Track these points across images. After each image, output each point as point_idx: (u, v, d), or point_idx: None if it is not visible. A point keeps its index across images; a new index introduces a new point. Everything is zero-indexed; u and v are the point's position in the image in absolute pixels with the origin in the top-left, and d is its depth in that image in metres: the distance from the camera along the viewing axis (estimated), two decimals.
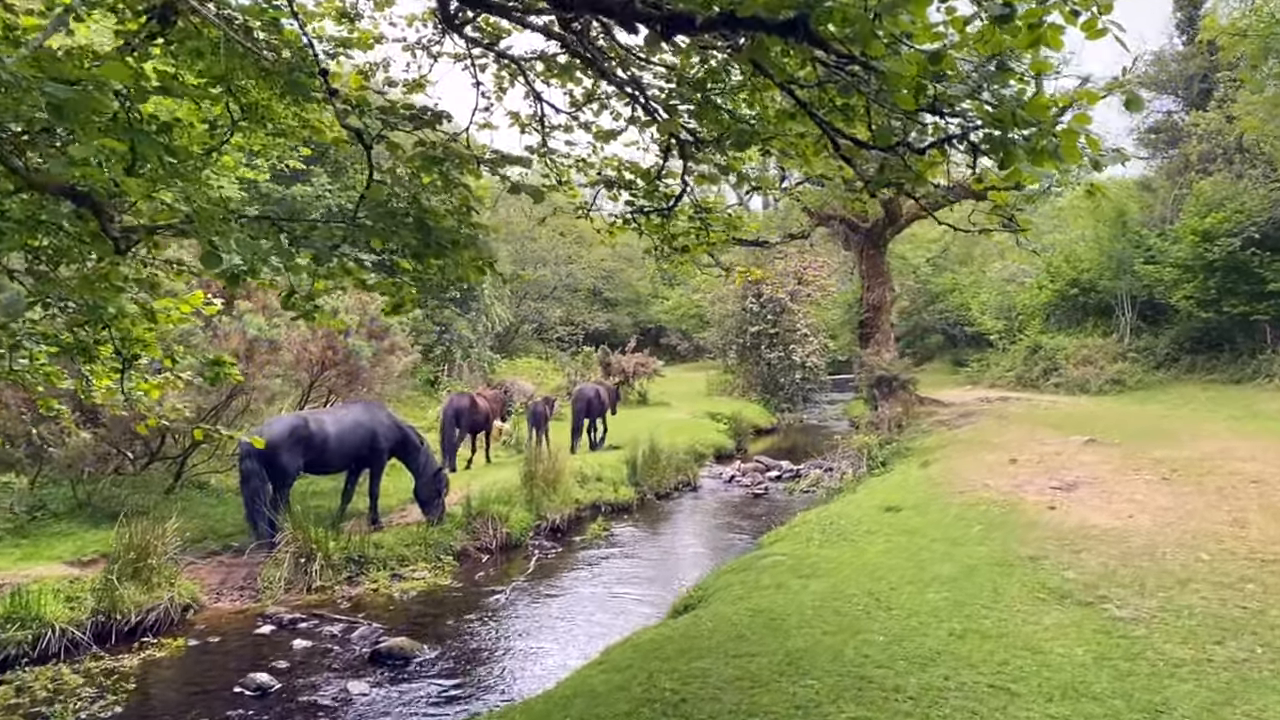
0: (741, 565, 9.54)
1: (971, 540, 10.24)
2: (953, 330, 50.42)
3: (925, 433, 22.40)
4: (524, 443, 22.28)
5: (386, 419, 13.15)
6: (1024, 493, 12.91)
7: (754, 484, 19.61)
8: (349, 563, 11.79)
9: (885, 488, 14.70)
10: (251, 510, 12.06)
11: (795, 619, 7.50)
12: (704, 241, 7.83)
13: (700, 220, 7.63)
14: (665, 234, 7.63)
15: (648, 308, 65.35)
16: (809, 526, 11.51)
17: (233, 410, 13.48)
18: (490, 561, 13.07)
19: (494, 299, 29.33)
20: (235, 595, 11.18)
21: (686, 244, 7.78)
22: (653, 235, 7.65)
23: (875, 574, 8.93)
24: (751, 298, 36.01)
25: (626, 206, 7.34)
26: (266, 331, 12.58)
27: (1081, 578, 8.67)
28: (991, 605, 7.93)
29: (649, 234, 7.65)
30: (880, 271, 25.79)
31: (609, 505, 16.99)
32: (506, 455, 20.91)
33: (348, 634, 9.69)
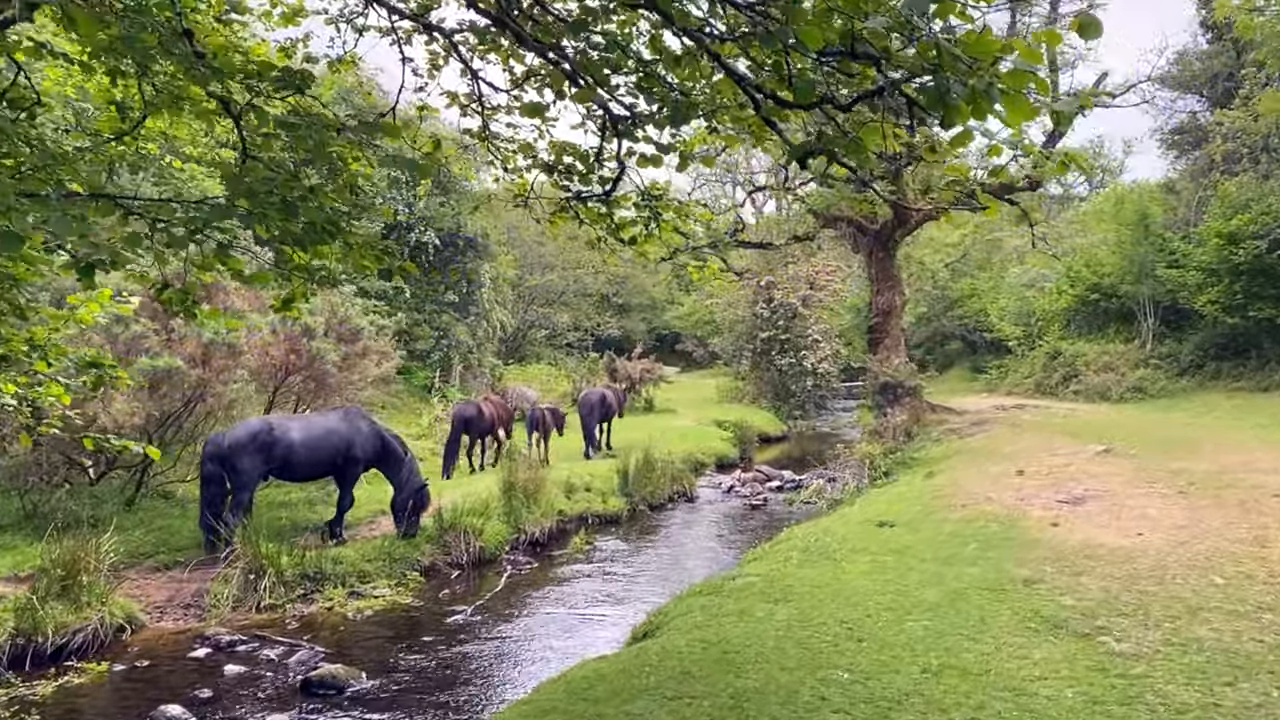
0: (709, 588, 8.77)
1: (964, 560, 9.42)
2: (972, 336, 49.32)
3: (936, 441, 21.52)
4: (520, 452, 21.65)
5: (366, 427, 12.48)
6: (1028, 507, 12.06)
7: (753, 495, 18.81)
8: (303, 579, 11.11)
9: (883, 500, 13.88)
10: (205, 516, 11.47)
11: (752, 652, 6.72)
12: (653, 233, 7.08)
13: (649, 209, 6.89)
14: (609, 224, 6.89)
15: (662, 313, 64.72)
16: (791, 543, 10.72)
17: (196, 416, 12.84)
18: (459, 578, 12.35)
19: (494, 303, 28.70)
20: (179, 614, 10.52)
21: (634, 235, 7.04)
22: (595, 225, 6.92)
23: (852, 599, 8.13)
24: (763, 303, 35.22)
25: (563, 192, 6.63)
26: (224, 335, 11.94)
27: (1080, 604, 7.84)
28: (976, 637, 7.12)
29: (591, 224, 6.92)
30: (890, 275, 24.93)
31: (597, 517, 16.25)
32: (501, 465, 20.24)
33: (286, 658, 9.00)
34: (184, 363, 11.57)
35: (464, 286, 26.89)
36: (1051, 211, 52.47)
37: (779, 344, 34.75)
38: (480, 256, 27.35)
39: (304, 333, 12.73)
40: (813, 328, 34.38)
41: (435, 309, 26.55)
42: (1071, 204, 56.57)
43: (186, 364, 11.69)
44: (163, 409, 11.65)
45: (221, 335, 11.83)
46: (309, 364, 12.80)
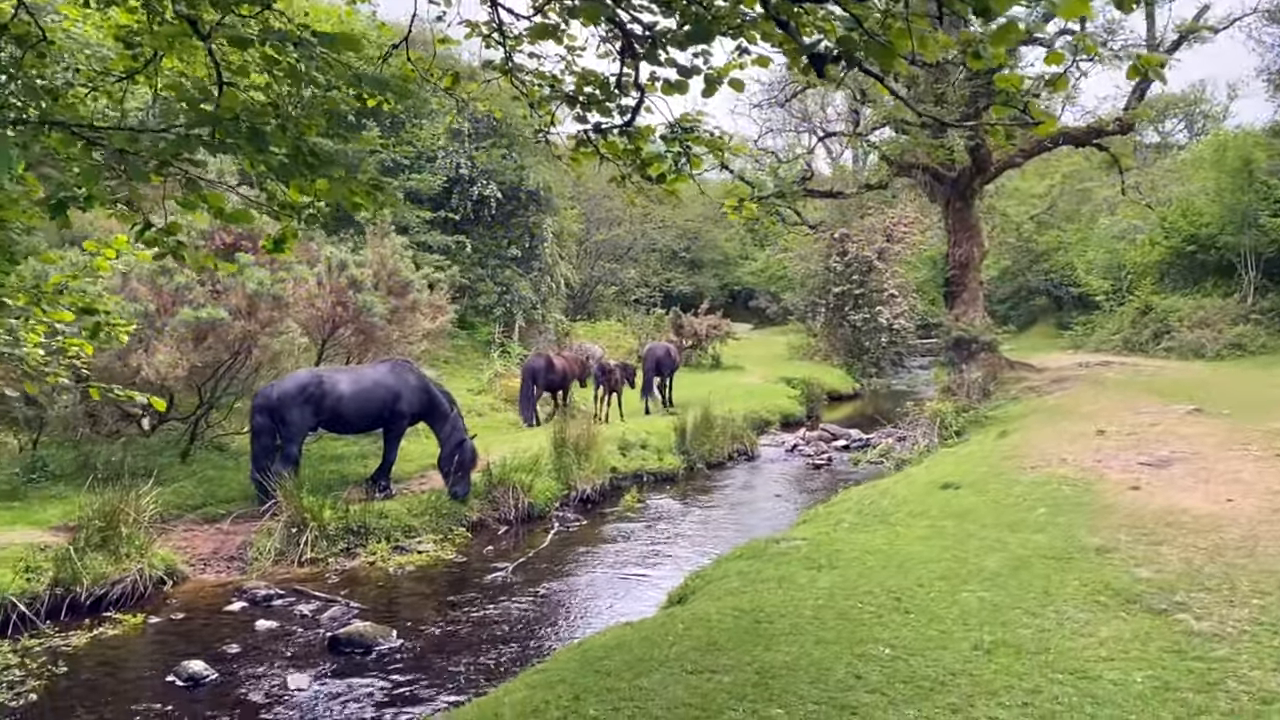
0: (751, 551, 8.28)
1: (1030, 526, 8.75)
2: (1057, 291, 47.39)
3: (1013, 399, 20.58)
4: (580, 408, 21.37)
5: (414, 381, 12.23)
6: (1106, 469, 11.26)
7: (817, 454, 18.21)
8: (347, 533, 10.95)
9: (950, 461, 13.17)
10: (255, 469, 11.41)
11: (787, 623, 6.23)
12: (684, 170, 6.51)
13: (678, 142, 6.31)
14: (635, 160, 6.34)
15: (734, 269, 63.65)
16: (845, 506, 10.17)
17: (245, 368, 12.74)
18: (506, 534, 12.10)
19: (558, 258, 28.32)
20: (223, 566, 10.46)
21: (664, 171, 6.47)
22: (619, 161, 6.38)
23: (904, 567, 7.57)
24: (836, 256, 34.23)
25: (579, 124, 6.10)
26: (269, 286, 11.74)
27: (1157, 577, 7.15)
28: (1037, 611, 6.51)
29: (614, 160, 6.37)
30: (968, 226, 23.79)
31: (652, 474, 15.88)
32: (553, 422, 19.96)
33: (319, 614, 8.82)
34: (228, 314, 11.40)
35: (526, 241, 26.53)
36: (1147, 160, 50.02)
37: (853, 299, 33.75)
38: (543, 210, 26.95)
39: (351, 285, 12.47)
40: (888, 282, 33.30)
41: (498, 264, 26.28)
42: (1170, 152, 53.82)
43: (231, 315, 11.53)
44: (207, 360, 11.52)
45: (265, 286, 11.63)
46: (355, 316, 12.56)
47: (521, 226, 26.67)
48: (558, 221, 28.02)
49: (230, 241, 12.32)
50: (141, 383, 11.06)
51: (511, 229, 26.68)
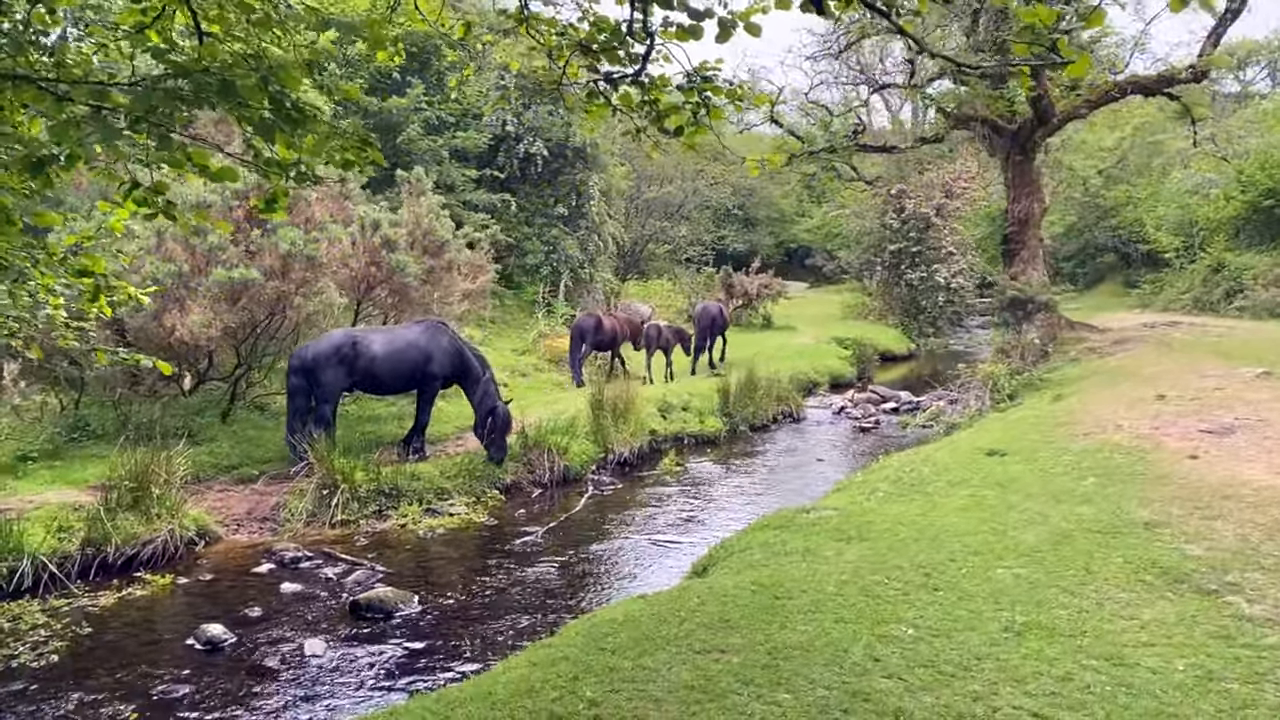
0: (779, 521, 7.99)
1: (1077, 498, 8.33)
2: (1126, 249, 45.84)
3: (1073, 361, 19.87)
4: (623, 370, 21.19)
5: (447, 342, 12.08)
6: (1164, 436, 10.72)
7: (864, 417, 17.80)
8: (379, 495, 10.90)
9: (999, 426, 12.70)
10: (290, 429, 11.41)
11: (807, 599, 5.96)
12: (703, 122, 6.15)
13: (695, 92, 5.95)
14: (651, 112, 6.00)
15: (790, 227, 62.68)
16: (884, 473, 9.81)
17: (282, 329, 12.71)
18: (540, 497, 11.98)
19: (606, 216, 27.95)
20: (256, 527, 10.49)
21: (681, 124, 6.12)
22: (634, 113, 6.04)
23: (937, 540, 7.23)
24: (893, 213, 33.37)
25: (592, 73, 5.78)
26: (302, 246, 11.64)
27: (1209, 555, 6.72)
28: (1075, 590, 6.15)
29: (628, 112, 6.04)
30: (1028, 181, 22.86)
31: (693, 437, 15.64)
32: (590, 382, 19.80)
33: (345, 577, 8.77)
34: (261, 274, 11.34)
35: (573, 199, 26.21)
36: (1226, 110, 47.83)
37: (909, 257, 32.93)
38: (589, 167, 26.57)
39: (385, 245, 12.32)
40: (946, 239, 32.40)
41: (545, 222, 26.02)
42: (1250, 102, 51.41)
43: (265, 276, 11.47)
44: (242, 321, 11.48)
45: (299, 247, 11.53)
46: (388, 277, 12.42)
47: (568, 184, 26.34)
48: (605, 179, 27.62)
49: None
50: (176, 343, 11.07)
51: (558, 187, 26.37)
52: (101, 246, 11.57)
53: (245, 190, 12.09)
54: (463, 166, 24.34)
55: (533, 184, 26.35)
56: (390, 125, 22.94)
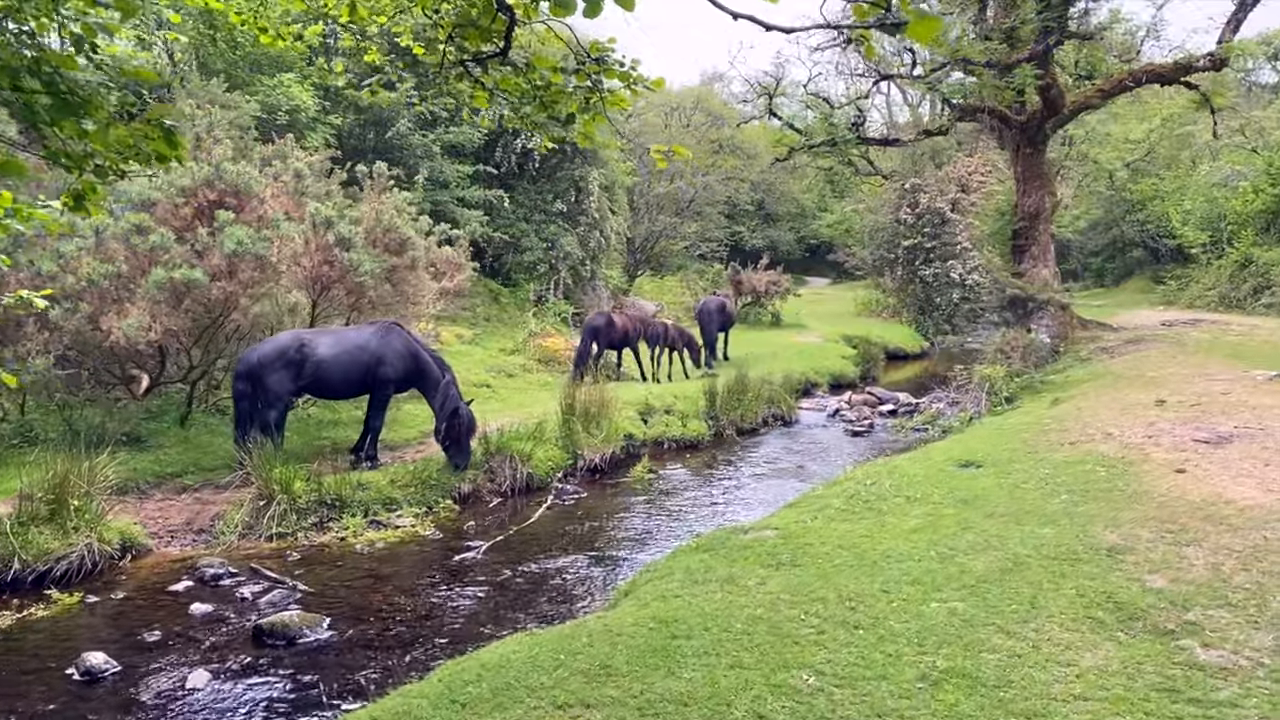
0: (709, 543, 7.38)
1: (1042, 517, 7.66)
2: (1155, 244, 44.61)
3: (1083, 361, 19.09)
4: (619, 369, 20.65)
5: (400, 345, 11.54)
6: (1153, 447, 10.00)
7: (858, 420, 17.12)
8: (320, 506, 10.40)
9: (985, 433, 12.00)
10: (239, 434, 10.96)
11: (709, 638, 5.36)
12: (600, 109, 5.56)
13: (585, 74, 5.36)
14: (532, 97, 5.43)
15: (811, 222, 61.74)
16: (842, 487, 9.18)
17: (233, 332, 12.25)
18: (498, 507, 11.45)
19: (608, 212, 27.34)
20: (190, 539, 10.03)
21: (572, 111, 5.54)
22: (514, 98, 5.47)
23: (876, 566, 6.60)
24: (907, 208, 32.50)
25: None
26: (251, 245, 11.16)
27: (1172, 588, 6.04)
28: (1014, 629, 5.51)
29: (510, 96, 5.47)
30: (1039, 174, 22.02)
31: (674, 442, 15.05)
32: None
33: (262, 596, 8.27)
34: (205, 275, 10.88)
35: (572, 195, 25.64)
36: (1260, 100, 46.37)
37: (924, 252, 32.06)
38: (589, 163, 25.98)
39: (338, 242, 11.82)
40: (961, 235, 31.50)
41: (543, 219, 25.49)
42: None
43: (210, 277, 11.01)
44: (184, 325, 11.03)
45: (245, 246, 11.06)
46: (342, 276, 11.92)
47: (567, 180, 25.78)
48: (606, 174, 27.01)
49: (214, 199, 11.77)
50: (110, 346, 10.64)
51: (557, 183, 25.82)
52: (42, 246, 11.22)
53: (193, 187, 11.64)
54: (457, 162, 23.86)
55: (531, 180, 25.83)
56: (380, 120, 22.49)
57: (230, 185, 11.81)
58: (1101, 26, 20.06)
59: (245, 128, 15.98)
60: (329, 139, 20.72)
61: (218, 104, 16.25)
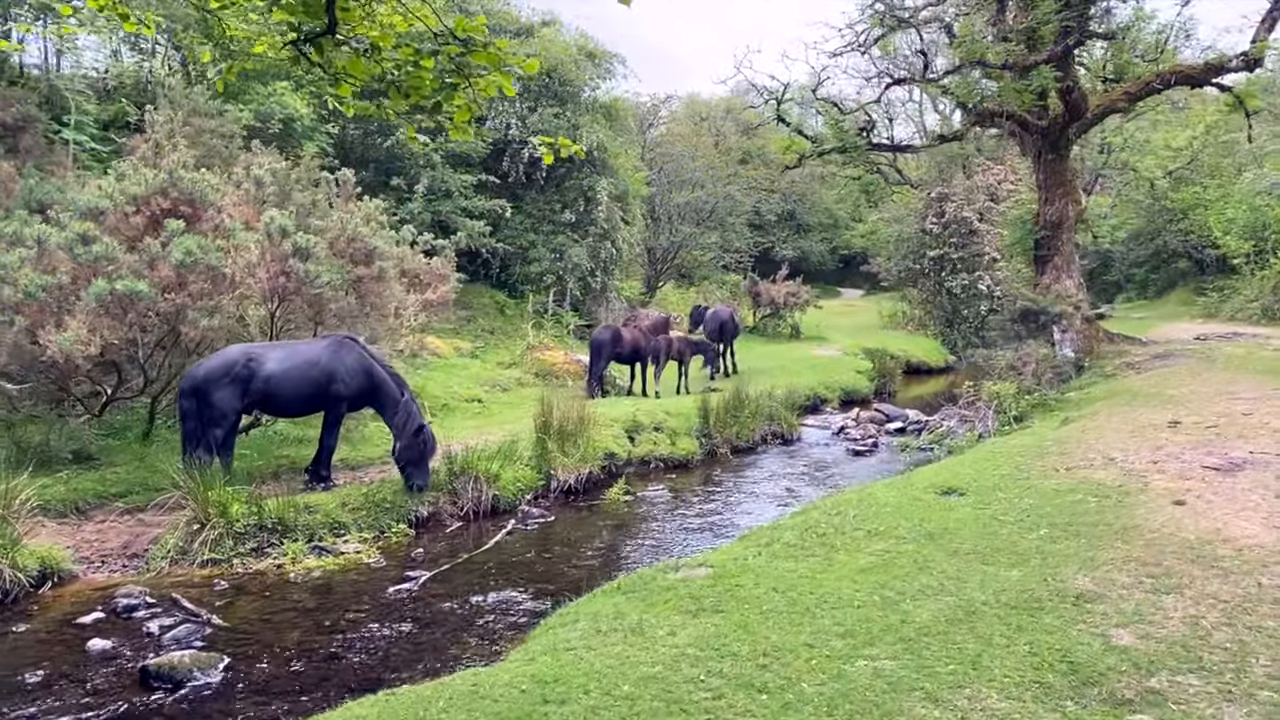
0: (632, 584, 6.67)
1: (1013, 556, 6.85)
2: (1199, 254, 43.10)
3: (1108, 377, 18.13)
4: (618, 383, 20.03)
5: (353, 361, 10.95)
6: (1157, 474, 9.12)
7: (862, 438, 16.30)
8: (260, 531, 9.84)
9: (980, 455, 11.17)
10: (186, 452, 10.45)
11: (585, 703, 4.67)
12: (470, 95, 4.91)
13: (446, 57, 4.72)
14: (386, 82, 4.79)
15: (844, 232, 60.69)
16: (802, 517, 8.43)
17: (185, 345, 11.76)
18: (456, 532, 10.84)
19: (620, 222, 26.75)
20: (122, 564, 9.52)
21: (438, 100, 4.90)
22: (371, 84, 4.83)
23: (808, 614, 5.86)
24: (933, 217, 31.57)
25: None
26: (203, 255, 10.68)
27: (1139, 645, 5.24)
28: (945, 696, 4.75)
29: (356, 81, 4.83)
30: (1061, 181, 21.02)
31: (661, 461, 14.35)
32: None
33: (169, 631, 7.69)
34: (150, 287, 10.40)
35: (581, 205, 25.08)
36: None
37: (951, 263, 31.07)
38: (598, 172, 25.42)
39: (295, 252, 11.30)
40: (990, 245, 30.47)
41: (551, 229, 24.95)
42: None
43: (156, 289, 10.54)
44: (127, 338, 10.56)
45: (194, 256, 10.58)
46: (298, 288, 11.39)
47: (576, 189, 25.25)
48: (616, 183, 26.42)
49: (168, 207, 11.32)
50: (48, 360, 10.19)
51: (565, 192, 25.30)
52: None
53: (145, 195, 11.20)
54: (463, 171, 23.41)
55: (539, 189, 25.33)
56: (382, 129, 22.11)
57: (185, 193, 11.36)
58: (1124, 26, 19.07)
59: (228, 136, 15.58)
60: (325, 148, 20.34)
61: (200, 112, 15.89)
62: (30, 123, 14.94)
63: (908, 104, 50.33)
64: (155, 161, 11.76)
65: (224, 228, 11.40)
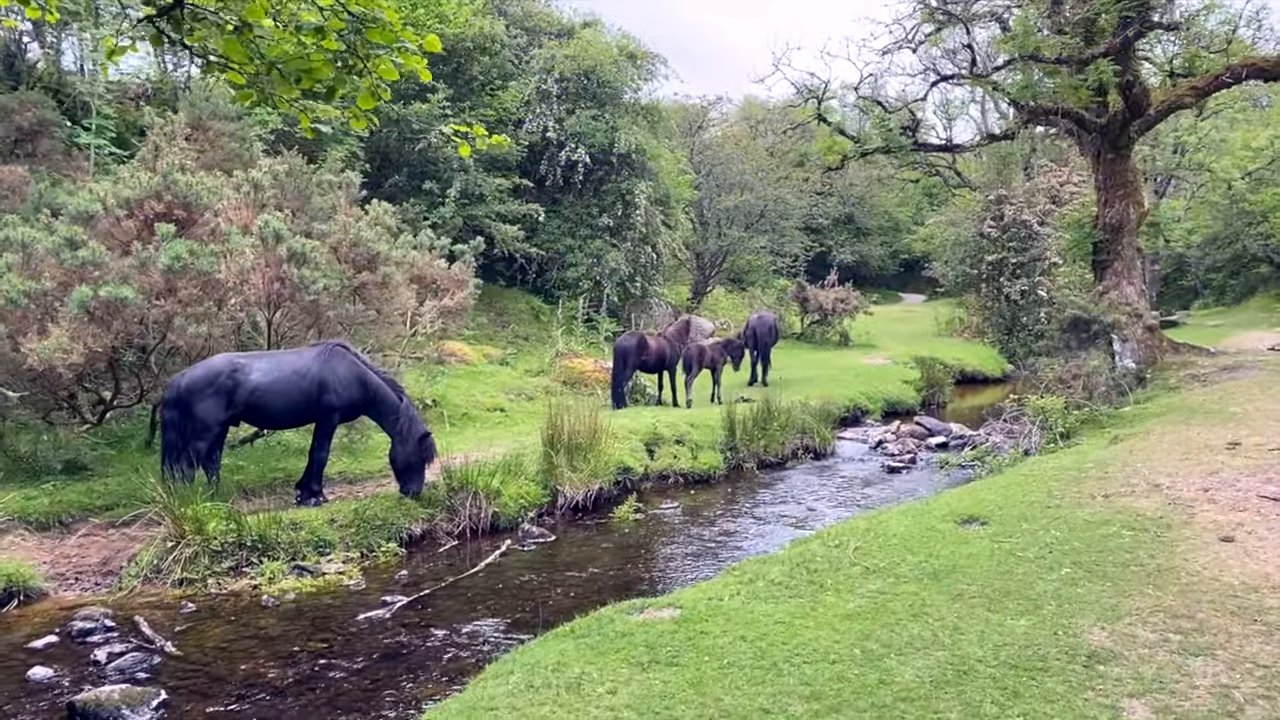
0: (584, 627, 5.97)
1: (1025, 602, 6.04)
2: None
3: (1172, 390, 16.96)
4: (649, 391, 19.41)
5: (345, 370, 10.48)
6: (1206, 504, 8.18)
7: (900, 454, 15.42)
8: (240, 549, 9.39)
9: (1009, 479, 10.24)
10: (167, 464, 10.07)
11: None
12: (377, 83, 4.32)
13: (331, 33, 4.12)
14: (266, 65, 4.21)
15: (904, 236, 59.20)
16: (798, 549, 7.67)
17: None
18: (450, 552, 10.32)
19: (661, 226, 26.08)
20: (95, 582, 9.17)
21: (330, 83, 4.31)
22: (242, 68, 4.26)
23: (774, 670, 5.14)
24: (991, 220, 30.33)
25: None
26: (194, 259, 10.31)
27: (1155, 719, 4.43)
28: None
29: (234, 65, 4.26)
30: (1122, 182, 19.78)
31: (682, 476, 13.68)
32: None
33: (115, 660, 7.24)
34: (137, 293, 10.06)
35: (619, 209, 24.49)
36: None
37: (1010, 268, 29.79)
38: (636, 174, 24.81)
39: (290, 258, 10.87)
40: (1052, 250, 29.14)
41: (589, 233, 24.41)
42: None
43: (144, 295, 10.20)
44: (109, 345, 10.21)
45: (183, 260, 10.22)
46: (293, 294, 10.96)
47: (614, 193, 24.67)
48: (655, 186, 25.76)
49: (162, 211, 10.99)
50: (29, 369, 9.89)
51: (603, 196, 24.74)
52: None
53: (139, 199, 10.88)
54: (499, 175, 22.99)
55: (577, 193, 24.81)
56: (414, 133, 21.78)
57: (180, 197, 11.02)
58: (1190, 15, 17.85)
59: (244, 139, 15.31)
60: (356, 152, 20.07)
61: (221, 115, 15.66)
62: (47, 127, 14.87)
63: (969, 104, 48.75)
64: (153, 164, 11.44)
65: (220, 232, 11.02)
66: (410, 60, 4.32)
